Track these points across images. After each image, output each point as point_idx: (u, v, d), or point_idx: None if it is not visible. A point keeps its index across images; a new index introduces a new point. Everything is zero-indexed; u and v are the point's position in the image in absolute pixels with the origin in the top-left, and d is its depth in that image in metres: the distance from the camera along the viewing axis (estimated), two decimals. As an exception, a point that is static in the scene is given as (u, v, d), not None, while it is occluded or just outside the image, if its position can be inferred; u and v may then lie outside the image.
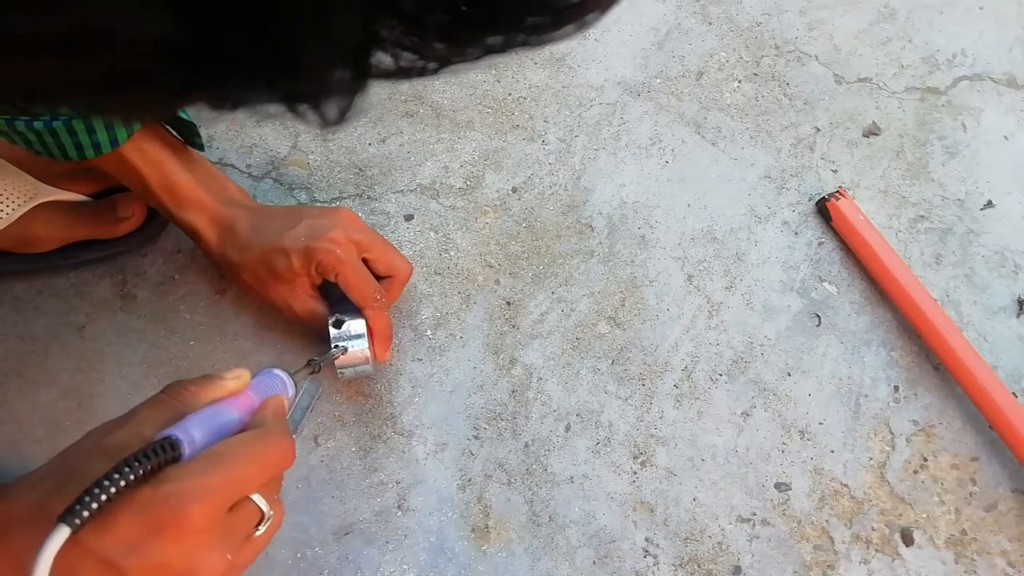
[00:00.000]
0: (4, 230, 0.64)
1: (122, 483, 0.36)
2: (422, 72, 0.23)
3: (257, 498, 0.42)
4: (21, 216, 0.64)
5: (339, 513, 0.62)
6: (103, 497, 0.35)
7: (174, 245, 0.70)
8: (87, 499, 0.35)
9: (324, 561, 0.60)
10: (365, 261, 0.63)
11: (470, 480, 0.64)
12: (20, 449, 0.63)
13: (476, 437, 0.65)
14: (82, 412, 0.64)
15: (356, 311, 0.62)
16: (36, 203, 0.64)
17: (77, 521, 0.35)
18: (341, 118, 0.24)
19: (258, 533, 0.43)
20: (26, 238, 0.65)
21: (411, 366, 0.67)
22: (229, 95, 0.24)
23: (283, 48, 0.21)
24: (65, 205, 0.66)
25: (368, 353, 0.61)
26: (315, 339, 0.66)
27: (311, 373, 0.57)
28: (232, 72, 0.22)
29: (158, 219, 0.69)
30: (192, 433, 0.40)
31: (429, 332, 0.68)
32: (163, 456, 0.38)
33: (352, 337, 0.61)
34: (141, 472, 0.37)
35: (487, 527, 0.62)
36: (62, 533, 0.34)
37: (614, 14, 0.84)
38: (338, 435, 0.64)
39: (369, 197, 0.73)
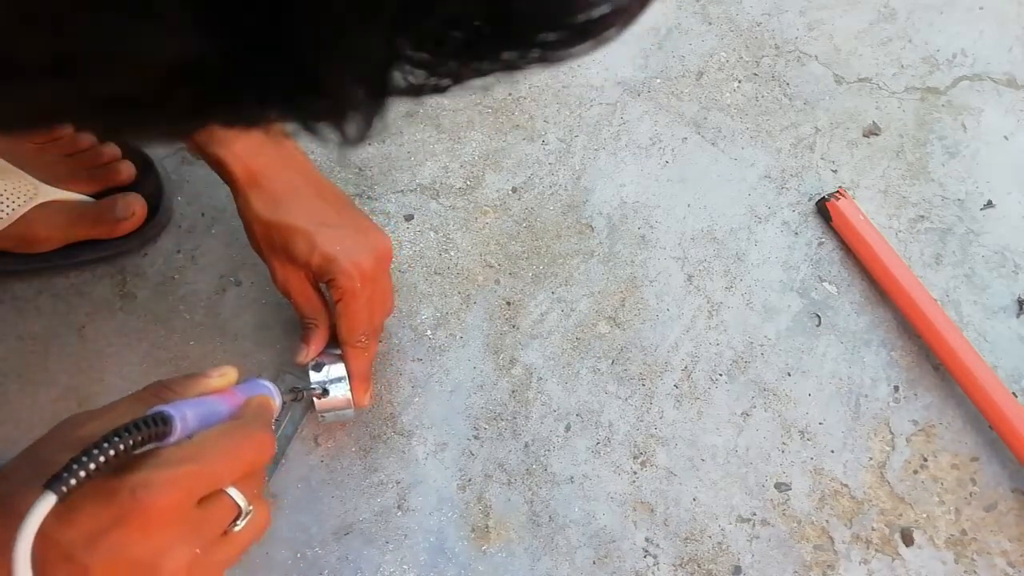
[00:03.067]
0: (4, 230, 0.64)
1: (111, 452, 0.35)
2: (435, 89, 0.23)
3: (233, 492, 0.41)
4: (21, 216, 0.64)
5: (339, 513, 0.62)
6: (91, 465, 0.34)
7: (174, 245, 0.70)
8: (75, 467, 0.34)
9: (324, 561, 0.60)
10: None
11: (470, 480, 0.64)
12: (20, 449, 0.63)
13: (476, 437, 0.65)
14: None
15: (338, 356, 0.60)
16: (36, 203, 0.64)
17: (64, 488, 0.34)
18: (361, 137, 0.23)
19: (236, 529, 0.41)
20: (26, 238, 0.65)
21: (411, 366, 0.67)
22: (244, 114, 0.23)
23: (306, 66, 0.21)
24: (65, 205, 0.66)
25: (349, 396, 0.60)
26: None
27: (293, 400, 0.57)
28: (249, 91, 0.21)
29: (158, 219, 0.69)
30: (184, 411, 0.39)
31: (429, 332, 0.68)
32: (154, 429, 0.37)
33: (332, 381, 0.60)
34: (131, 442, 0.36)
35: (487, 527, 0.62)
36: (48, 500, 0.33)
37: (614, 14, 0.83)
38: (338, 435, 0.64)
39: (369, 197, 0.73)
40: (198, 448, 0.39)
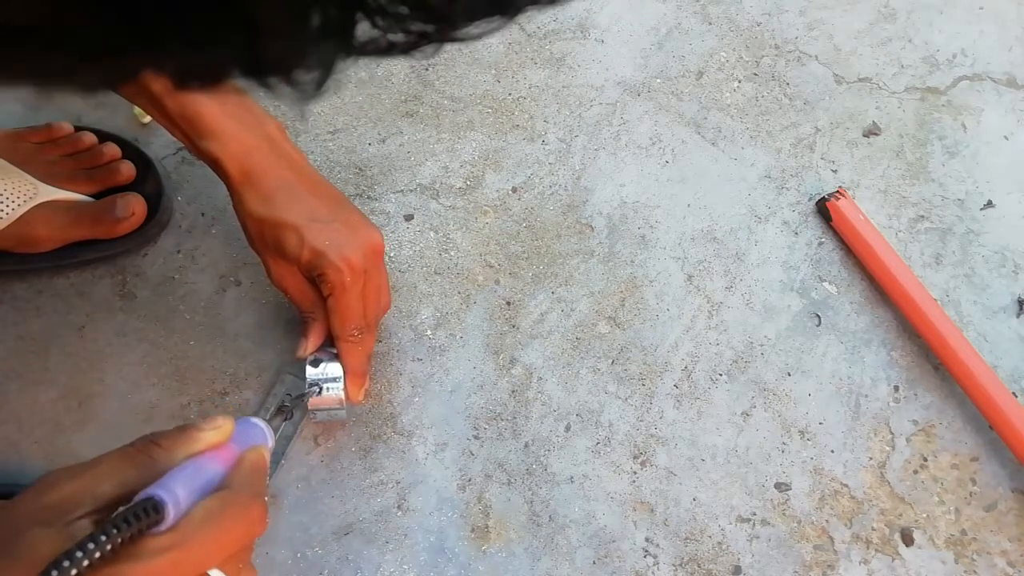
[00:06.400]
0: (4, 230, 0.64)
1: (96, 554, 0.33)
2: (419, 42, 0.19)
3: (216, 574, 0.38)
4: (21, 216, 0.64)
5: (339, 513, 0.62)
6: (73, 571, 0.32)
7: (174, 245, 0.70)
8: (54, 574, 0.32)
9: (324, 561, 0.60)
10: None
11: (470, 480, 0.64)
12: (20, 449, 0.63)
13: (476, 437, 0.65)
14: (82, 412, 0.64)
15: (335, 354, 0.60)
16: (36, 203, 0.64)
17: None
18: (317, 90, 0.20)
19: None
20: (26, 238, 0.65)
21: (411, 366, 0.67)
22: (174, 62, 0.19)
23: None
24: (65, 205, 0.66)
25: (343, 396, 0.60)
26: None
27: (285, 420, 0.56)
28: (166, 25, 0.17)
29: (158, 219, 0.69)
30: (176, 492, 0.37)
31: (429, 332, 0.68)
32: (145, 521, 0.35)
33: (329, 379, 0.59)
34: (119, 540, 0.34)
35: (487, 527, 0.62)
36: None
37: (614, 14, 0.84)
38: (338, 435, 0.64)
39: (369, 197, 0.73)
40: (185, 536, 0.36)
